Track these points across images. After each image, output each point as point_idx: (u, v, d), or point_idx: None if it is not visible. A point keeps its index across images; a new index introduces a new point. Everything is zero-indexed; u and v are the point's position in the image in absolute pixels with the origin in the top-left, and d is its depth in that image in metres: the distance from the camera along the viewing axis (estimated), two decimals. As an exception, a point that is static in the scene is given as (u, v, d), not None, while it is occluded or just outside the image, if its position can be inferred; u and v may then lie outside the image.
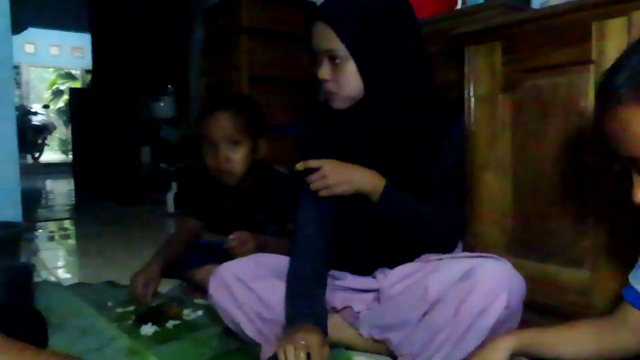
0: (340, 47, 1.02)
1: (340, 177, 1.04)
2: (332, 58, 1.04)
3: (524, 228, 1.17)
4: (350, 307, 1.14)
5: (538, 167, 1.13)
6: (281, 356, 0.91)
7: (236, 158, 1.48)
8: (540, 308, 1.11)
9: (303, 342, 0.91)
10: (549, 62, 1.07)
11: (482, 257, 1.01)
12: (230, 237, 1.39)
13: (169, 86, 3.95)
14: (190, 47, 3.81)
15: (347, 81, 1.05)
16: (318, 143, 1.16)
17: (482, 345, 0.90)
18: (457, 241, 1.15)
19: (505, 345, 0.84)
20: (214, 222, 1.67)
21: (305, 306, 1.02)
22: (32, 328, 1.11)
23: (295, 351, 0.90)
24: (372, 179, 1.05)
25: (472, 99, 1.22)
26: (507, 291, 0.91)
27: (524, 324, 0.99)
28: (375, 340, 1.11)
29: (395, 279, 1.10)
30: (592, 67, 1.01)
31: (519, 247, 1.17)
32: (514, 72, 1.14)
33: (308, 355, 0.91)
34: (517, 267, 1.08)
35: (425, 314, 1.00)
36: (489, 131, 1.19)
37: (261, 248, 1.37)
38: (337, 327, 1.15)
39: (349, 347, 1.13)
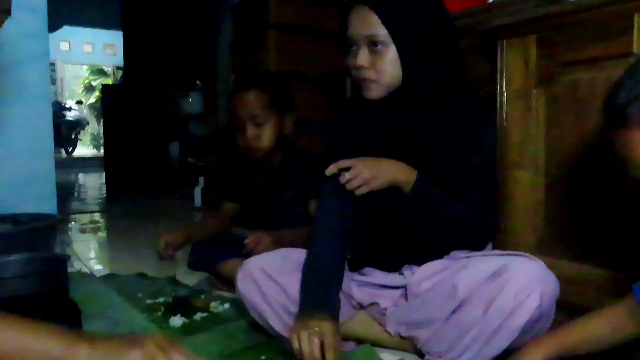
0: (382, 32, 1.00)
1: (374, 171, 1.01)
2: (373, 44, 1.01)
3: (556, 226, 1.14)
4: (376, 303, 1.13)
5: (573, 165, 1.10)
6: (295, 341, 0.91)
7: (262, 135, 1.52)
8: (572, 309, 1.07)
9: (317, 329, 0.91)
10: (587, 56, 1.04)
11: (513, 255, 0.99)
12: (246, 241, 1.43)
13: (198, 82, 4.00)
14: (218, 44, 3.84)
15: (387, 68, 1.02)
16: (343, 137, 1.15)
17: (514, 347, 0.88)
18: (488, 238, 1.13)
19: (540, 353, 0.82)
20: (247, 203, 1.71)
21: (320, 297, 1.02)
22: (67, 316, 1.14)
23: (309, 337, 0.90)
24: (404, 169, 1.03)
25: (505, 94, 1.19)
26: (539, 290, 0.89)
27: (556, 324, 0.96)
28: (402, 337, 1.10)
29: (423, 276, 1.08)
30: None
31: (551, 245, 1.14)
32: (550, 66, 1.11)
33: (321, 345, 0.90)
34: (549, 266, 1.06)
35: (453, 312, 0.99)
36: (522, 127, 1.16)
37: (277, 242, 1.41)
38: (363, 323, 1.14)
39: (375, 344, 1.13)
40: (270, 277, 1.10)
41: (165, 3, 4.34)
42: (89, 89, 12.29)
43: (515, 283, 0.90)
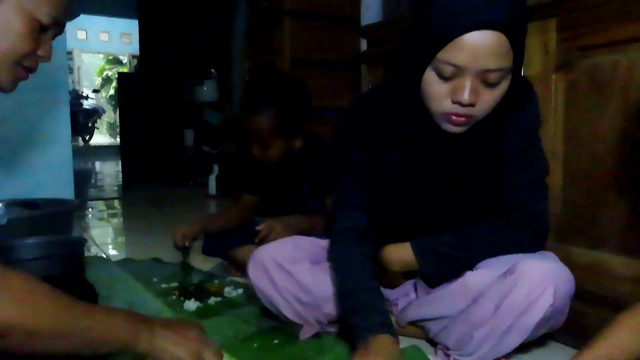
0: (508, 65, 0.82)
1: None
2: (488, 76, 0.82)
3: (574, 214, 1.12)
4: (387, 299, 1.12)
5: (592, 151, 1.07)
6: None
7: (268, 155, 1.49)
8: (589, 297, 1.06)
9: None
10: (609, 39, 1.01)
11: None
12: (258, 228, 1.44)
13: (213, 70, 4.00)
14: (233, 32, 3.83)
15: (495, 103, 0.86)
16: (373, 143, 1.03)
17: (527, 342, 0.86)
18: (542, 245, 1.00)
19: None
20: (264, 196, 1.70)
21: (375, 315, 0.92)
22: (84, 298, 1.15)
23: None
24: (398, 251, 1.01)
25: (523, 80, 1.17)
26: (553, 288, 0.87)
27: (572, 313, 0.95)
28: (413, 324, 1.10)
29: None
30: (656, 44, 0.94)
31: (569, 233, 1.13)
32: (569, 50, 1.08)
33: None
34: (566, 254, 1.04)
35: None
36: (541, 113, 1.14)
37: (289, 229, 1.42)
38: None
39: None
40: (281, 266, 1.09)
41: (180, -9, 4.34)
42: (107, 80, 12.39)
43: (528, 281, 0.88)
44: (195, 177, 4.01)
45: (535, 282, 0.88)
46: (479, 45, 0.79)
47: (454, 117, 0.86)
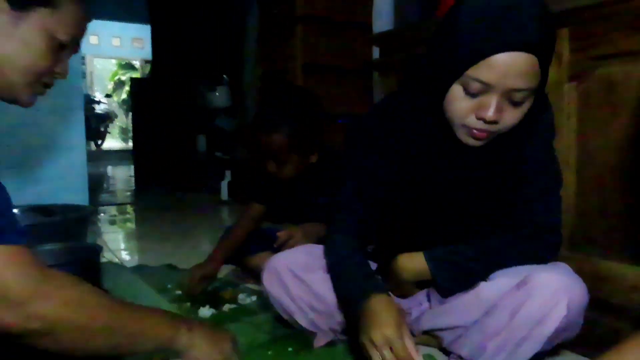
0: (534, 85, 0.83)
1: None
2: (514, 95, 0.83)
3: (587, 223, 1.12)
4: (400, 309, 1.12)
5: (604, 161, 1.08)
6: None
7: (283, 171, 1.48)
8: (602, 306, 1.06)
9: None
10: (623, 49, 1.02)
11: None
12: (278, 233, 1.45)
13: (225, 76, 4.03)
14: (246, 37, 3.86)
15: (517, 121, 0.87)
16: (388, 151, 1.03)
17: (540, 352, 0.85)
18: (555, 255, 0.99)
19: None
20: (276, 207, 1.69)
21: (367, 282, 0.96)
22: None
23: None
24: (411, 260, 1.01)
25: (536, 89, 1.17)
26: (567, 299, 0.87)
27: (585, 322, 0.95)
28: (426, 333, 1.10)
29: None
30: (670, 54, 0.94)
31: (581, 242, 1.13)
32: (582, 60, 1.09)
33: None
34: (579, 263, 1.04)
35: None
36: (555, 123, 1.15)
37: (308, 236, 1.42)
38: None
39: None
40: (296, 275, 1.10)
41: (193, -4, 4.38)
42: (119, 84, 12.51)
43: (542, 292, 0.88)
44: (208, 182, 4.03)
45: (549, 293, 0.88)
46: (510, 65, 0.80)
47: (475, 132, 0.87)
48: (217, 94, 3.97)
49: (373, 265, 1.13)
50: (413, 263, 1.02)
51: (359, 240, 1.04)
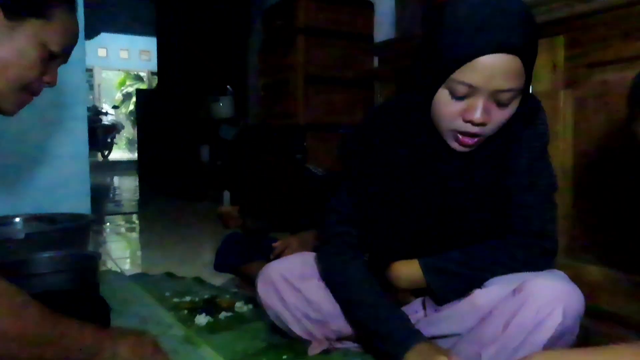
0: (520, 86, 0.83)
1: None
2: (500, 96, 0.83)
3: (585, 231, 1.11)
4: None
5: (601, 168, 1.07)
6: None
7: None
8: (600, 315, 1.05)
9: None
10: (617, 56, 1.02)
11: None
12: (274, 244, 1.46)
13: (228, 87, 4.06)
14: (249, 49, 3.90)
15: (504, 121, 0.87)
16: (369, 150, 1.03)
17: None
18: (549, 263, 0.98)
19: None
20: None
21: (405, 324, 0.96)
22: (96, 312, 1.17)
23: None
24: (406, 268, 1.01)
25: (532, 96, 1.17)
26: (562, 307, 0.85)
27: (582, 330, 0.94)
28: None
29: None
30: (665, 60, 0.94)
31: (580, 250, 1.12)
32: (578, 67, 1.09)
33: None
34: (576, 270, 1.04)
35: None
36: (550, 130, 1.14)
37: (304, 245, 1.41)
38: None
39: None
40: (290, 283, 1.09)
41: (198, 10, 4.43)
42: (127, 96, 12.64)
43: (537, 299, 0.87)
44: (211, 192, 4.05)
45: (544, 301, 0.87)
46: (495, 67, 0.80)
47: (461, 137, 0.88)
48: (220, 104, 3.99)
49: None
50: (408, 271, 1.02)
51: (356, 249, 1.04)
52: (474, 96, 0.83)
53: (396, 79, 1.78)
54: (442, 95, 0.86)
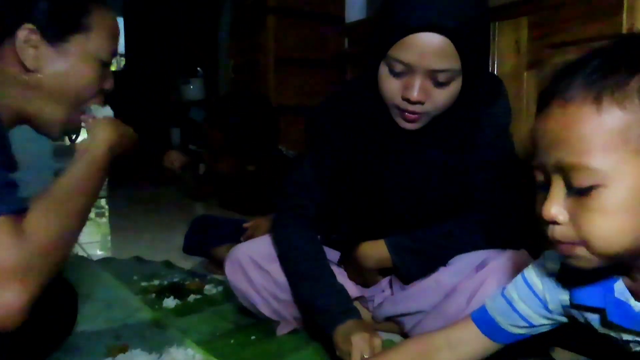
0: (456, 67, 0.84)
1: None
2: (436, 76, 0.85)
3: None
4: (363, 296, 1.13)
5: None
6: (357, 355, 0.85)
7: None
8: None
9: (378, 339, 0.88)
10: (578, 37, 1.03)
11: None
12: (245, 225, 1.46)
13: (199, 69, 3.99)
14: (219, 30, 3.83)
15: (446, 102, 0.89)
16: (341, 141, 1.04)
17: None
18: (516, 241, 0.99)
19: None
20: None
21: (342, 300, 0.96)
22: (63, 297, 1.15)
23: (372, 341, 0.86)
24: (372, 248, 1.02)
25: (497, 77, 1.19)
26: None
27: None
28: (388, 320, 1.11)
29: None
30: (622, 42, 0.96)
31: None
32: (541, 48, 1.11)
33: None
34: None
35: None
36: (513, 111, 1.16)
37: None
38: None
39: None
40: (258, 265, 1.09)
41: (166, -12, 4.32)
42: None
43: (497, 273, 0.90)
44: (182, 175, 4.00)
45: (505, 275, 0.89)
46: (425, 46, 0.82)
47: (405, 113, 0.90)
48: (191, 86, 3.93)
49: (336, 254, 1.14)
50: (374, 251, 1.03)
51: (312, 224, 1.05)
52: (411, 74, 0.85)
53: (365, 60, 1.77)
54: (383, 71, 0.89)
